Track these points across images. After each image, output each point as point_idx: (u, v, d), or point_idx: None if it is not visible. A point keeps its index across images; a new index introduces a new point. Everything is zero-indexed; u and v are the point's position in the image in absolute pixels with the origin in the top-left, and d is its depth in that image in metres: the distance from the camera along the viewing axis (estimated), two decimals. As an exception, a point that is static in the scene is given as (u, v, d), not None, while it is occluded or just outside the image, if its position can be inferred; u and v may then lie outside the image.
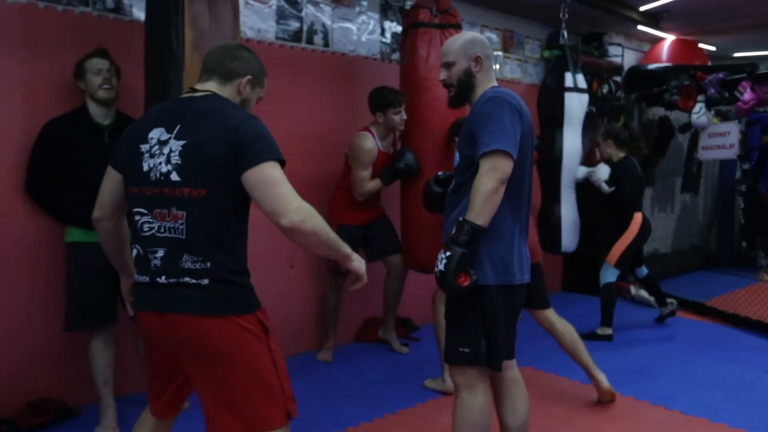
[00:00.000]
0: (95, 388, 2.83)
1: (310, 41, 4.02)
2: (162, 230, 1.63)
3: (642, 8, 5.56)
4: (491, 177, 1.87)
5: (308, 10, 3.99)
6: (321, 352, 3.94)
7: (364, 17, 4.32)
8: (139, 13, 3.18)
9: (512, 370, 2.27)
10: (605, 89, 5.82)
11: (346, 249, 1.72)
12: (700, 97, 5.15)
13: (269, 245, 3.33)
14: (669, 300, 5.10)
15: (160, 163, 1.62)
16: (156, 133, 1.65)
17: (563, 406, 3.22)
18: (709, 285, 6.11)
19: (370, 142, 3.57)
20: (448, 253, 1.88)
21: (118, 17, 3.22)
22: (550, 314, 3.30)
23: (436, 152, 3.42)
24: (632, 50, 6.47)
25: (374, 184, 3.62)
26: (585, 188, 4.47)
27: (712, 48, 7.16)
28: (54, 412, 2.90)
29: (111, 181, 1.78)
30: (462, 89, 2.15)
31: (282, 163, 1.64)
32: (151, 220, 1.65)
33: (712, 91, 5.00)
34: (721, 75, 5.00)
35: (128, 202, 1.73)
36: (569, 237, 4.09)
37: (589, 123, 5.65)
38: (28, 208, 2.93)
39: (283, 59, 3.79)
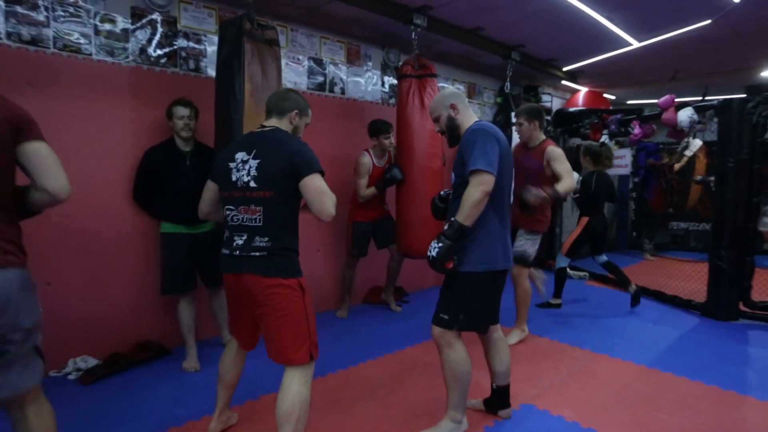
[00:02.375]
0: (182, 335, 2.85)
1: (331, 90, 4.03)
2: (246, 221, 1.75)
3: (564, 69, 5.62)
4: (478, 189, 1.85)
5: (330, 69, 4.01)
6: (339, 310, 3.96)
7: (369, 73, 4.34)
8: (212, 72, 3.19)
9: (497, 332, 2.25)
10: (540, 125, 5.88)
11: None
12: (605, 131, 5.21)
13: (302, 236, 3.37)
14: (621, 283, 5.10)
15: (243, 175, 1.75)
16: (240, 156, 1.78)
17: (512, 348, 3.24)
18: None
19: (366, 158, 3.64)
20: (440, 244, 1.89)
21: (197, 75, 3.23)
22: (525, 272, 3.33)
23: (417, 167, 3.45)
24: (558, 97, 6.51)
25: (371, 190, 3.65)
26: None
27: (613, 97, 7.21)
28: (154, 350, 2.95)
29: (210, 189, 1.95)
30: (451, 132, 2.11)
31: (323, 174, 1.76)
32: (237, 214, 1.77)
33: (613, 127, 5.07)
34: (619, 116, 5.07)
35: (222, 202, 1.85)
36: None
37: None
38: (136, 210, 2.95)
39: (312, 103, 3.72)
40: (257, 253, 1.72)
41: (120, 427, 2.18)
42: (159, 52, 3.06)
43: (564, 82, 5.93)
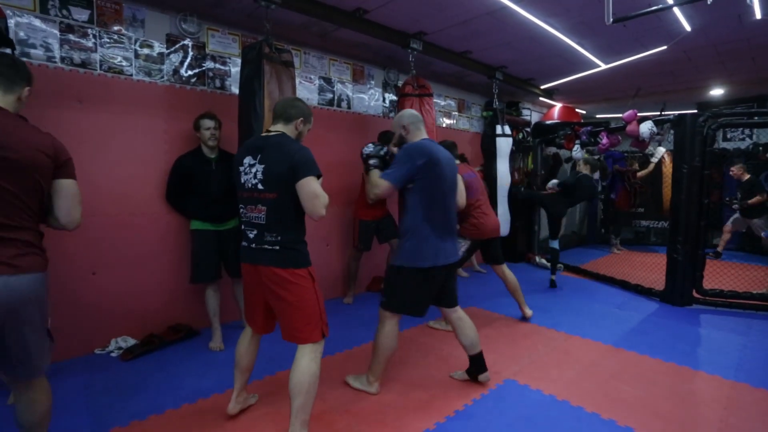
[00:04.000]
0: (209, 318, 2.85)
1: (339, 105, 4.02)
2: (253, 218, 1.72)
3: (542, 87, 5.61)
4: (372, 188, 2.08)
5: (338, 86, 4.01)
6: (345, 297, 3.94)
7: (372, 90, 4.33)
8: (235, 90, 3.18)
9: (456, 313, 2.29)
10: (521, 136, 5.87)
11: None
12: (577, 141, 5.20)
13: (313, 232, 3.37)
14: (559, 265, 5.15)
15: (250, 178, 1.71)
16: (248, 160, 1.73)
17: (495, 329, 3.26)
18: (582, 255, 6.18)
19: None
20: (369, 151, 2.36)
21: (222, 92, 3.22)
22: (504, 268, 3.37)
23: None
24: (536, 112, 6.49)
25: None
26: (512, 196, 4.52)
27: (584, 111, 7.21)
28: (185, 332, 2.94)
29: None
30: (400, 147, 2.19)
31: (318, 176, 1.68)
32: (246, 212, 1.75)
33: (584, 137, 5.04)
34: (589, 128, 5.04)
35: (237, 201, 1.81)
36: (503, 226, 4.12)
37: (511, 156, 5.70)
38: (168, 209, 2.95)
39: (323, 117, 3.80)
40: (270, 247, 1.69)
41: (155, 397, 2.18)
42: (190, 72, 3.06)
43: (541, 98, 5.91)
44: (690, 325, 3.40)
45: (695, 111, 4.18)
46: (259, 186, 1.68)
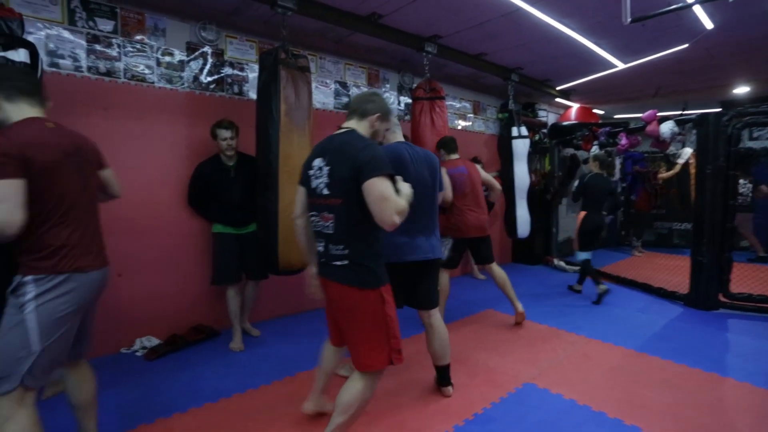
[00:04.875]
0: (229, 320, 2.89)
1: (355, 110, 4.06)
2: (322, 228, 1.57)
3: (558, 88, 5.54)
4: None
5: (353, 90, 4.03)
6: None
7: (387, 94, 4.35)
8: (253, 95, 3.25)
9: (429, 319, 2.21)
10: (538, 137, 5.81)
11: (407, 201, 1.50)
12: (595, 142, 5.12)
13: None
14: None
15: (320, 183, 1.56)
16: (317, 162, 1.58)
17: (513, 332, 3.23)
18: (602, 258, 6.06)
19: None
20: None
21: (240, 98, 3.28)
22: (493, 266, 3.29)
23: None
24: (553, 113, 6.42)
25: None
26: (531, 197, 4.43)
27: (602, 111, 7.09)
28: (206, 332, 2.99)
29: (301, 193, 1.70)
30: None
31: (388, 176, 1.44)
32: (316, 221, 1.60)
33: (602, 138, 4.97)
34: (607, 128, 4.97)
35: (308, 208, 1.66)
36: (523, 228, 4.05)
37: (528, 157, 5.64)
38: (190, 213, 3.00)
39: (339, 121, 3.82)
40: (338, 263, 1.52)
41: (179, 396, 2.23)
42: (209, 79, 3.13)
43: (558, 99, 5.85)
44: (717, 330, 3.29)
45: (719, 110, 4.06)
46: (326, 191, 1.53)
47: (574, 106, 6.33)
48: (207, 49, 3.11)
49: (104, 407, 2.04)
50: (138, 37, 2.81)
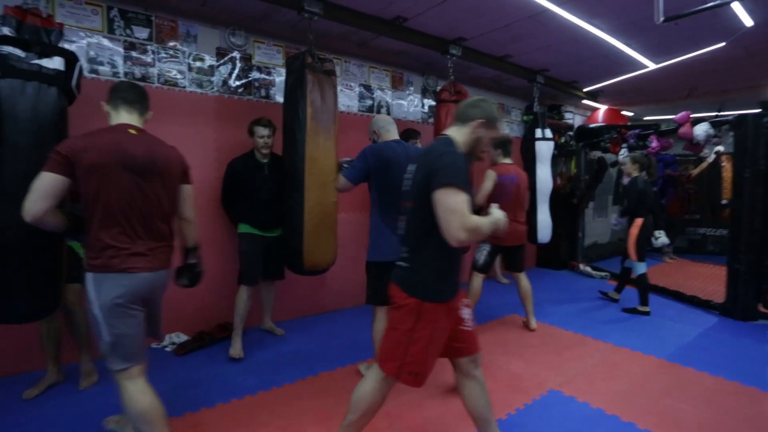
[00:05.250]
0: (234, 323, 2.81)
1: (378, 112, 4.06)
2: (400, 229, 1.64)
3: (585, 89, 5.42)
4: (334, 185, 2.30)
5: (377, 93, 4.06)
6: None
7: (411, 97, 4.36)
8: (280, 99, 3.28)
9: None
10: (564, 140, 5.70)
11: (490, 226, 1.42)
12: (624, 145, 4.98)
13: (349, 233, 3.39)
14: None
15: (407, 186, 1.64)
16: (411, 167, 1.66)
17: (538, 338, 3.17)
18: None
19: None
20: None
21: (268, 101, 3.34)
22: (521, 275, 3.32)
23: None
24: (579, 115, 6.29)
25: None
26: (554, 200, 4.31)
27: (631, 113, 6.89)
28: (232, 330, 2.92)
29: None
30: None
31: (461, 188, 1.33)
32: (401, 222, 1.70)
33: (632, 141, 4.83)
34: (637, 131, 4.83)
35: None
36: (544, 233, 3.96)
37: (553, 160, 5.55)
38: (218, 214, 3.04)
39: (363, 123, 3.83)
40: (402, 263, 1.51)
41: (206, 390, 2.29)
42: (237, 83, 3.21)
43: (585, 101, 5.72)
44: (756, 342, 3.14)
45: (759, 111, 3.87)
46: (407, 194, 1.59)
47: (602, 108, 6.17)
48: (236, 54, 3.19)
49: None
50: (171, 44, 2.91)
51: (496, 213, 1.47)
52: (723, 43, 3.74)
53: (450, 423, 2.02)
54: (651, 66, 4.38)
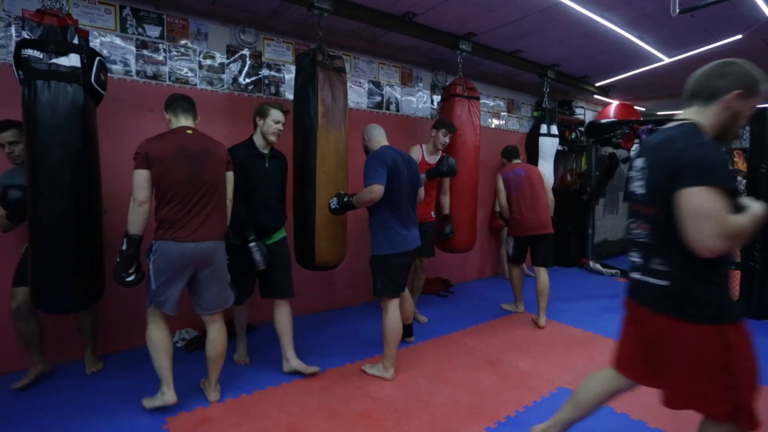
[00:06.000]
0: (235, 329, 2.69)
1: (387, 108, 4.06)
2: (638, 236, 1.32)
3: (597, 84, 5.33)
4: (368, 195, 2.22)
5: (386, 90, 4.05)
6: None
7: (420, 93, 4.34)
8: (290, 96, 3.30)
9: (404, 292, 2.57)
10: (574, 135, 5.62)
11: (753, 224, 1.14)
12: (636, 141, 4.90)
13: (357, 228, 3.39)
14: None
15: (638, 186, 1.30)
16: (639, 163, 1.31)
17: (546, 335, 3.15)
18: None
19: (417, 149, 3.21)
20: (336, 200, 2.42)
21: (277, 98, 3.34)
22: (542, 271, 3.37)
23: (463, 169, 3.35)
24: (590, 110, 6.20)
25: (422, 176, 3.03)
26: (564, 197, 4.27)
27: (643, 108, 6.76)
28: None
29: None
30: (366, 153, 2.50)
31: (718, 187, 1.08)
32: (634, 227, 1.35)
33: (644, 136, 4.74)
34: (649, 126, 4.74)
35: (628, 213, 1.40)
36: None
37: (563, 156, 5.47)
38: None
39: (372, 119, 3.83)
40: (656, 281, 1.23)
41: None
42: (247, 80, 3.22)
43: (596, 96, 5.63)
44: (770, 341, 3.08)
45: (776, 105, 3.79)
46: (641, 197, 1.28)
47: (614, 103, 6.08)
48: (246, 51, 3.20)
49: (149, 393, 2.15)
50: (182, 42, 2.93)
51: (754, 206, 1.16)
52: (740, 36, 3.65)
53: (458, 420, 2.02)
54: (665, 60, 4.29)
